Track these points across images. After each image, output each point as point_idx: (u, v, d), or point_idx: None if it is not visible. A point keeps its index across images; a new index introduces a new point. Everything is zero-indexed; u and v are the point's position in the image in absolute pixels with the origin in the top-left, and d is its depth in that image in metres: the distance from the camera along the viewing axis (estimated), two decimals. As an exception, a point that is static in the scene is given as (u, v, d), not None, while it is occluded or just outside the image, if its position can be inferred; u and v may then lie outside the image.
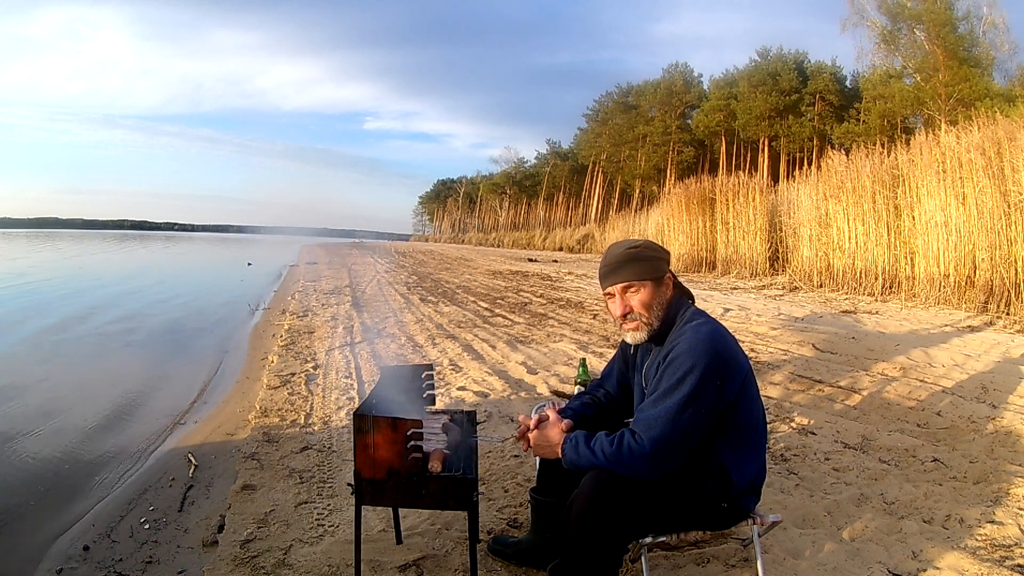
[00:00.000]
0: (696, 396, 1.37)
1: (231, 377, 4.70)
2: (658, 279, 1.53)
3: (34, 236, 51.98)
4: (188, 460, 2.86)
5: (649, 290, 1.51)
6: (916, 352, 4.48)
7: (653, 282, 1.52)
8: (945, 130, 8.03)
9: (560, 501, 1.51)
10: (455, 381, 4.06)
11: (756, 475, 1.51)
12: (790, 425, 3.08)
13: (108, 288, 11.69)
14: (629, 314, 1.52)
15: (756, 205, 11.88)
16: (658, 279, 1.53)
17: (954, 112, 17.31)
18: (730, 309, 7.10)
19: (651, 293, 1.51)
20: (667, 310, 1.53)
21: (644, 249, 1.55)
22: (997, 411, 3.13)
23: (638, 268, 1.52)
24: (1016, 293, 6.27)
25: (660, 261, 1.55)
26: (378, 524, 2.11)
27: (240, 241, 57.71)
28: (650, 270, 1.52)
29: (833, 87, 28.35)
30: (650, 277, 1.52)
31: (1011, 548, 1.86)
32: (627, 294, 1.52)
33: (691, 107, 34.55)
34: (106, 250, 29.54)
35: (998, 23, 19.87)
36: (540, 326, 6.27)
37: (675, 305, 1.55)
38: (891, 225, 8.35)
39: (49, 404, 4.01)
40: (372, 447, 1.55)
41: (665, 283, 1.55)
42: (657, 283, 1.53)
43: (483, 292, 9.89)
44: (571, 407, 1.69)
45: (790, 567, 1.79)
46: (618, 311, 1.53)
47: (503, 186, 54.70)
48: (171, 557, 2.03)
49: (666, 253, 1.59)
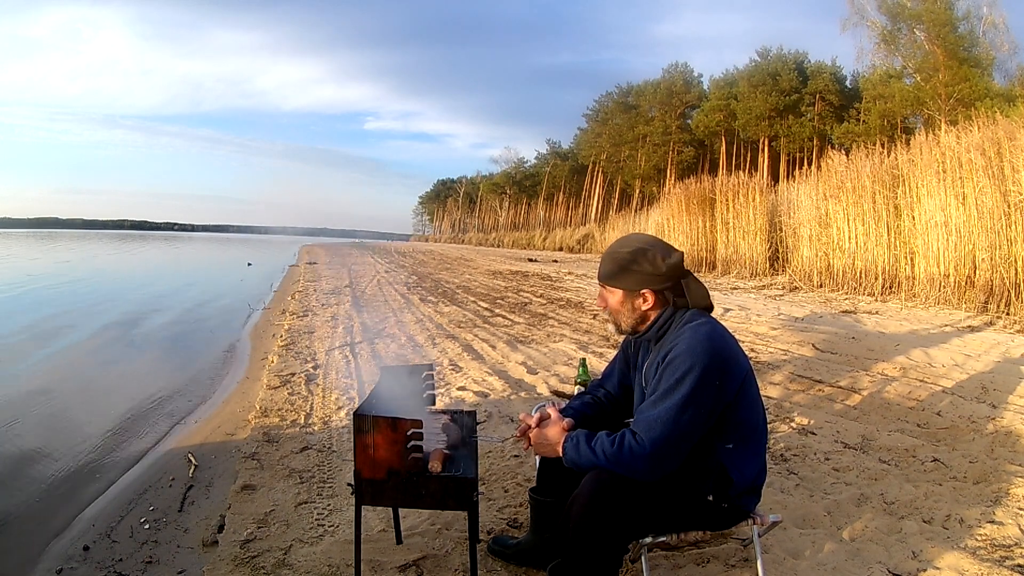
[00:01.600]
0: (695, 396, 1.37)
1: (231, 377, 4.70)
2: (631, 291, 1.52)
3: (36, 236, 52.03)
4: (188, 460, 2.86)
5: (619, 297, 1.54)
6: (916, 352, 4.48)
7: (624, 292, 1.53)
8: (945, 130, 8.03)
9: (560, 501, 1.51)
10: (455, 381, 4.06)
11: (756, 475, 1.51)
12: (790, 425, 3.08)
13: (144, 289, 11.88)
14: (604, 308, 1.60)
15: (756, 205, 11.87)
16: (631, 291, 1.52)
17: (954, 112, 17.31)
18: (730, 309, 7.10)
19: (620, 301, 1.54)
20: (643, 320, 1.53)
21: (632, 257, 1.51)
22: (997, 411, 3.13)
23: (616, 273, 1.53)
24: (1016, 293, 6.27)
25: (640, 275, 1.50)
26: (378, 524, 2.11)
27: (240, 241, 57.76)
28: (626, 280, 1.52)
29: (833, 87, 28.34)
30: (622, 287, 1.53)
31: (1011, 548, 1.86)
32: (604, 290, 1.58)
33: (691, 107, 34.52)
34: (116, 250, 29.91)
35: (998, 23, 19.89)
36: (540, 326, 6.27)
37: (661, 316, 1.51)
38: (891, 225, 8.34)
39: (49, 404, 4.01)
40: (372, 447, 1.55)
41: (640, 296, 1.51)
42: (629, 293, 1.52)
43: (483, 292, 9.89)
44: (572, 406, 1.69)
45: (790, 567, 1.79)
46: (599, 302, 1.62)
47: (503, 186, 54.69)
48: (171, 557, 2.03)
49: (655, 268, 1.49)
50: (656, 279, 1.49)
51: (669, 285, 1.51)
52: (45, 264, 18.57)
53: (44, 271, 15.58)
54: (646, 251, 1.51)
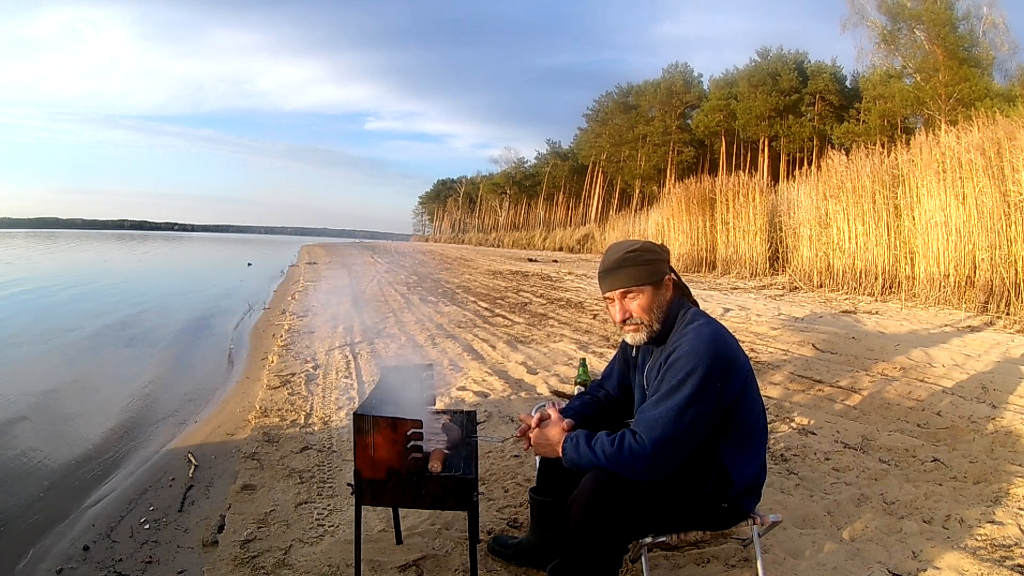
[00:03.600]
0: (697, 397, 1.37)
1: (231, 377, 4.70)
2: (657, 282, 1.51)
3: (38, 236, 51.99)
4: (188, 460, 2.86)
5: (648, 295, 1.50)
6: (916, 352, 4.48)
7: (652, 286, 1.50)
8: (945, 130, 8.03)
9: (560, 501, 1.51)
10: (455, 381, 4.06)
11: (756, 475, 1.51)
12: (790, 425, 3.08)
13: (144, 290, 11.93)
14: (629, 319, 1.51)
15: (756, 205, 11.86)
16: (657, 282, 1.51)
17: (954, 112, 17.30)
18: (730, 309, 7.10)
19: (650, 297, 1.50)
20: (667, 311, 1.52)
21: (642, 252, 1.51)
22: (997, 411, 3.13)
23: (636, 273, 1.50)
24: (1016, 293, 6.27)
25: (659, 263, 1.53)
26: (378, 524, 2.11)
27: (240, 241, 57.75)
28: (649, 274, 1.50)
29: (833, 87, 28.34)
30: (649, 281, 1.50)
31: (1011, 548, 1.86)
32: (626, 299, 1.51)
33: (691, 107, 34.52)
34: (122, 250, 30.21)
35: (998, 23, 19.87)
36: (540, 326, 6.27)
37: (675, 305, 1.54)
38: (891, 225, 8.34)
39: (49, 404, 4.01)
40: (372, 447, 1.55)
41: (665, 285, 1.53)
42: (656, 286, 1.51)
43: (483, 292, 9.89)
44: (572, 406, 1.69)
45: (790, 567, 1.79)
46: (618, 316, 1.53)
47: (503, 186, 54.67)
48: (171, 557, 2.03)
49: (665, 252, 1.56)
50: (667, 260, 1.56)
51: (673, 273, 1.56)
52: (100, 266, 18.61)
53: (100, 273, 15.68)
54: (641, 244, 1.55)
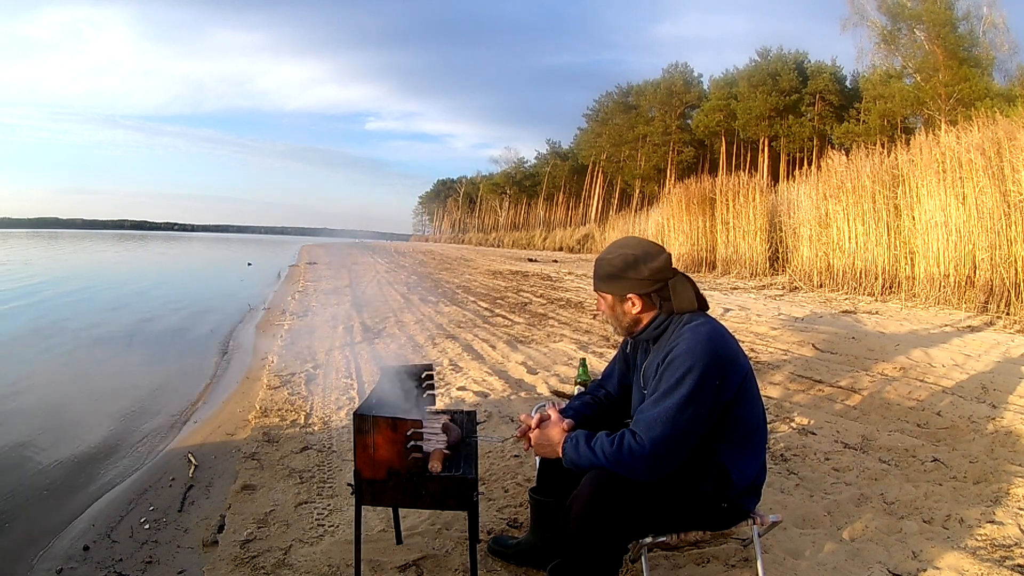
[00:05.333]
0: (695, 396, 1.37)
1: (231, 377, 4.70)
2: (618, 296, 1.56)
3: (39, 236, 52.00)
4: (188, 460, 2.86)
5: (608, 302, 1.59)
6: (916, 352, 4.48)
7: (613, 297, 1.57)
8: (945, 130, 8.04)
9: (560, 501, 1.51)
10: (455, 381, 4.06)
11: (756, 475, 1.51)
12: (790, 425, 3.08)
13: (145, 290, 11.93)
14: (600, 314, 1.69)
15: (756, 205, 11.87)
16: (618, 296, 1.56)
17: (954, 112, 17.31)
18: (730, 309, 7.10)
19: (611, 305, 1.59)
20: (636, 322, 1.55)
21: (615, 265, 1.54)
22: (997, 411, 3.13)
23: (603, 279, 1.58)
24: (1016, 293, 6.27)
25: (625, 281, 1.52)
26: (378, 524, 2.11)
27: (240, 241, 57.76)
28: (613, 286, 1.56)
29: (833, 87, 28.35)
30: (611, 292, 1.57)
31: (1011, 548, 1.86)
32: (599, 295, 1.63)
33: (691, 107, 34.52)
34: (130, 250, 30.56)
35: (998, 23, 19.88)
36: (540, 326, 6.27)
37: (656, 318, 1.53)
38: (891, 225, 8.34)
39: (50, 404, 4.01)
40: (372, 447, 1.55)
41: (627, 300, 1.54)
42: (619, 300, 1.56)
43: (483, 292, 9.89)
44: (572, 407, 1.69)
45: (790, 567, 1.79)
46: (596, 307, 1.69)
47: (503, 186, 54.69)
48: (171, 557, 2.03)
49: (638, 274, 1.51)
50: (640, 284, 1.52)
51: (655, 289, 1.52)
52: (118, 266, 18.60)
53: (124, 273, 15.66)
54: (631, 258, 1.53)
